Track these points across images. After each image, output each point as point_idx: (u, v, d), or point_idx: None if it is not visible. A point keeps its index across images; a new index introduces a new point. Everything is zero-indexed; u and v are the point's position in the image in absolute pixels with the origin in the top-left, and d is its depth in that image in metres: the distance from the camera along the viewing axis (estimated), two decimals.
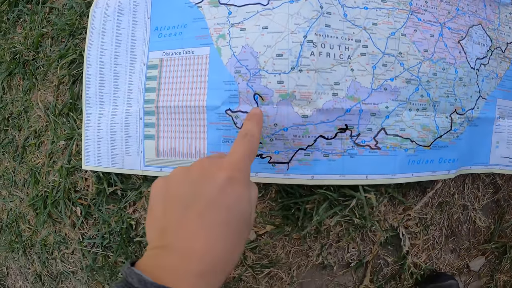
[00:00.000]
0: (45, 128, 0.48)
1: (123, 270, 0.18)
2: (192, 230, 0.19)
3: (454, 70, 0.39)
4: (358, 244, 0.40)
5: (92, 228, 0.44)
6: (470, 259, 0.46)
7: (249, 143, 0.26)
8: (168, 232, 0.20)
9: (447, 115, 0.39)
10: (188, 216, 0.20)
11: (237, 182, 0.22)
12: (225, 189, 0.21)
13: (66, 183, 0.45)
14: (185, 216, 0.20)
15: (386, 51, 0.36)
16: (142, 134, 0.39)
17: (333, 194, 0.36)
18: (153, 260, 0.19)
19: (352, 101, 0.35)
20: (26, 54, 0.51)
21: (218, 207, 0.20)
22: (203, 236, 0.19)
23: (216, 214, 0.20)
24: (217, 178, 0.21)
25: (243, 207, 0.22)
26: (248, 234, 0.23)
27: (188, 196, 0.21)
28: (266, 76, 0.34)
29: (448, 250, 0.45)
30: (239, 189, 0.22)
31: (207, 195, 0.21)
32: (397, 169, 0.37)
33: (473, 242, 0.46)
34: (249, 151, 0.25)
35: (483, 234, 0.46)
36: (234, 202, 0.21)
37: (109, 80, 0.42)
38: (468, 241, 0.45)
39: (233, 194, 0.21)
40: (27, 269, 0.50)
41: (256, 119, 0.29)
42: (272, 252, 0.39)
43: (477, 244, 0.46)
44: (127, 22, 0.41)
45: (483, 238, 0.46)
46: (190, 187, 0.22)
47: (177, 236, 0.19)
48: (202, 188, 0.21)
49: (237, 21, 0.36)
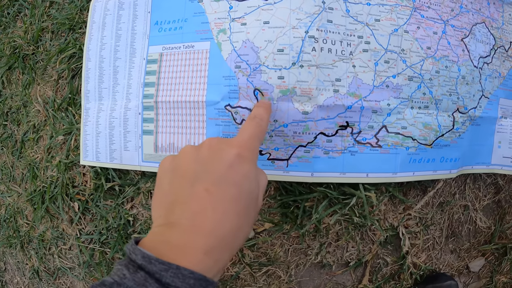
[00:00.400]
0: (44, 122, 0.47)
1: (127, 247, 0.18)
2: (199, 206, 0.19)
3: (457, 68, 0.38)
4: (357, 243, 0.39)
5: (89, 224, 0.44)
6: (470, 259, 0.45)
7: (257, 125, 0.26)
8: (175, 208, 0.19)
9: (449, 113, 0.38)
10: (196, 191, 0.19)
11: (245, 160, 0.21)
12: (234, 166, 0.21)
13: (64, 178, 0.44)
14: (193, 191, 0.19)
15: (388, 47, 0.35)
16: (141, 129, 0.38)
17: (333, 192, 0.35)
18: (158, 237, 0.18)
19: (353, 98, 0.34)
20: (26, 48, 0.50)
21: (226, 183, 0.20)
22: (210, 212, 0.18)
23: (224, 190, 0.20)
24: (226, 155, 0.21)
25: (251, 185, 0.21)
26: (255, 216, 0.22)
27: (197, 172, 0.20)
28: (267, 72, 0.34)
29: (448, 251, 0.44)
30: (247, 167, 0.21)
31: (216, 171, 0.20)
32: (398, 167, 0.36)
33: (473, 242, 0.45)
34: (257, 132, 0.25)
35: (483, 234, 0.45)
36: (242, 179, 0.21)
37: (108, 75, 0.41)
38: (468, 241, 0.45)
39: (241, 171, 0.21)
40: (25, 264, 0.49)
41: (265, 106, 0.30)
42: (271, 250, 0.38)
43: (477, 245, 0.45)
44: (127, 16, 0.41)
45: (483, 239, 0.45)
46: (199, 164, 0.21)
47: (184, 212, 0.19)
48: (211, 164, 0.21)
49: (238, 15, 0.35)
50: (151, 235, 0.19)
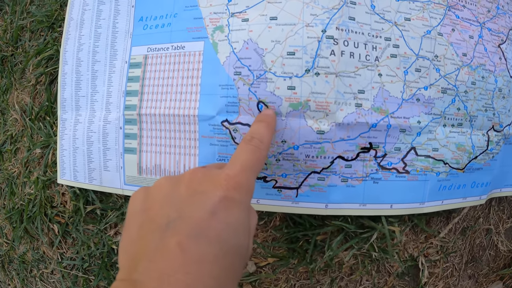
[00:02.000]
0: (21, 133, 0.36)
1: None
2: (169, 266, 0.13)
3: (494, 79, 0.28)
4: (372, 276, 0.30)
5: (71, 248, 0.33)
6: (488, 284, 0.36)
7: (255, 150, 0.18)
8: (141, 262, 0.14)
9: (484, 132, 0.28)
10: (166, 245, 0.13)
11: (233, 205, 0.15)
12: (217, 213, 0.14)
13: (42, 197, 0.33)
14: (163, 244, 0.14)
15: (420, 53, 0.25)
16: (122, 146, 0.28)
17: (350, 226, 0.26)
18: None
19: (379, 114, 0.24)
20: (4, 49, 0.39)
21: (206, 238, 0.14)
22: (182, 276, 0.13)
23: (202, 247, 0.13)
24: (208, 199, 0.15)
25: (239, 238, 0.15)
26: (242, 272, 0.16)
27: (170, 218, 0.14)
28: (274, 80, 0.23)
29: (466, 276, 0.35)
30: (235, 215, 0.15)
31: (194, 221, 0.14)
32: (426, 196, 0.26)
33: (492, 267, 0.36)
34: (254, 161, 0.17)
35: (503, 258, 0.36)
36: (227, 232, 0.14)
37: (86, 80, 0.30)
38: (487, 266, 0.35)
39: (227, 220, 0.15)
40: (7, 285, 0.39)
41: (267, 121, 0.21)
42: (274, 286, 0.29)
43: (496, 269, 0.36)
44: (108, 11, 0.30)
45: (503, 263, 0.36)
46: (173, 207, 0.15)
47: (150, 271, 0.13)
48: (188, 210, 0.14)
49: (238, 9, 0.24)
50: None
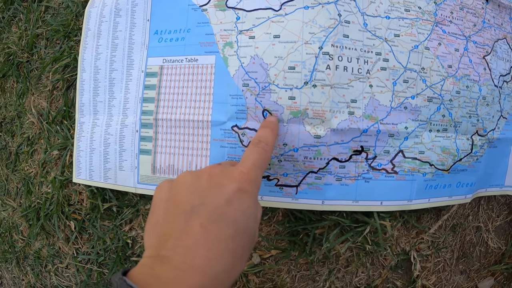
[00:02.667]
0: (38, 135, 0.42)
1: (114, 279, 0.16)
2: (193, 243, 0.17)
3: (478, 88, 0.33)
4: (367, 269, 0.35)
5: (86, 244, 0.39)
6: (479, 280, 0.42)
7: (262, 151, 0.23)
8: (168, 241, 0.17)
9: (468, 136, 0.33)
10: (191, 226, 0.18)
11: (246, 195, 0.20)
12: (233, 201, 0.19)
13: (60, 196, 0.39)
14: (188, 226, 0.18)
15: (408, 66, 0.31)
16: (138, 148, 0.34)
17: (345, 220, 0.31)
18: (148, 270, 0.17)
19: (369, 120, 0.29)
20: (20, 55, 0.45)
21: (223, 221, 0.18)
22: (204, 250, 0.17)
23: (221, 228, 0.18)
24: (225, 189, 0.19)
25: (249, 222, 0.19)
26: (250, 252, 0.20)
27: (194, 204, 0.19)
28: (277, 91, 0.29)
29: (457, 272, 0.40)
30: (247, 203, 0.19)
31: (214, 206, 0.18)
32: (413, 194, 0.32)
33: (483, 263, 0.41)
34: (261, 160, 0.22)
35: (494, 255, 0.41)
36: (241, 217, 0.19)
37: (104, 87, 0.36)
38: (478, 262, 0.41)
39: (240, 207, 0.19)
40: (21, 280, 0.45)
41: (271, 126, 0.26)
42: (277, 277, 0.34)
43: (487, 265, 0.41)
44: (125, 24, 0.35)
45: (493, 259, 0.41)
46: (196, 195, 0.19)
47: (176, 247, 0.17)
48: (209, 198, 0.19)
49: (246, 27, 0.30)
50: (141, 266, 0.17)
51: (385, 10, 0.31)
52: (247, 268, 0.34)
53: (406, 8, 0.31)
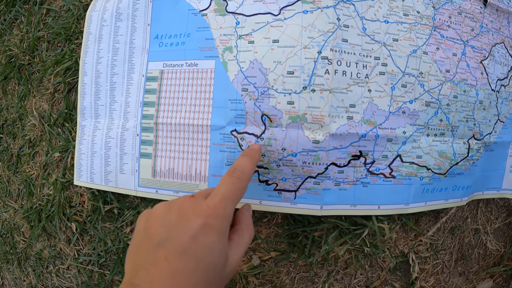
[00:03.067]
0: (39, 137, 0.43)
1: None
2: (158, 275, 0.19)
3: (475, 92, 0.34)
4: (366, 271, 0.36)
5: (87, 245, 0.40)
6: (478, 282, 0.42)
7: (236, 181, 0.23)
8: (139, 271, 0.19)
9: (465, 140, 0.34)
10: (157, 258, 0.19)
11: (211, 231, 0.20)
12: (197, 237, 0.20)
13: (61, 198, 0.40)
14: (155, 258, 0.19)
15: (406, 70, 0.31)
16: (138, 151, 0.34)
17: (343, 223, 0.32)
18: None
19: (368, 125, 0.30)
20: (21, 58, 0.45)
21: (186, 256, 0.19)
22: (167, 282, 0.18)
23: (183, 262, 0.19)
24: (191, 225, 0.20)
25: (214, 258, 0.20)
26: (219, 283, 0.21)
27: (161, 238, 0.20)
28: (276, 96, 0.29)
29: (456, 273, 0.41)
30: (211, 239, 0.20)
31: (178, 241, 0.19)
32: (411, 198, 0.32)
33: (482, 265, 0.42)
34: (233, 192, 0.22)
35: (492, 257, 0.42)
36: (204, 253, 0.20)
37: (105, 91, 0.36)
38: (477, 264, 0.41)
39: (204, 243, 0.20)
40: (22, 281, 0.46)
41: (251, 155, 0.26)
42: (276, 278, 0.35)
43: (486, 267, 0.42)
44: (125, 28, 0.36)
45: (492, 261, 0.42)
46: (165, 229, 0.20)
47: (145, 277, 0.19)
48: (175, 232, 0.20)
49: (245, 32, 0.31)
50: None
51: (384, 15, 0.31)
52: (246, 270, 0.34)
53: (404, 13, 0.32)
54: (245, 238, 0.23)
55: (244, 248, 0.23)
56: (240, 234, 0.23)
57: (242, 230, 0.23)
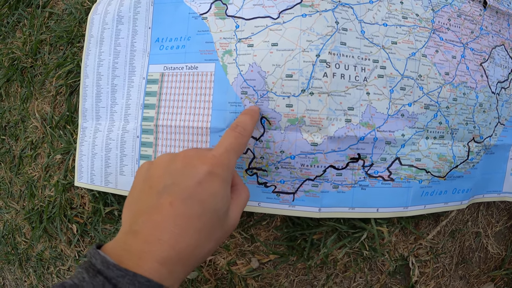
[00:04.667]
0: (41, 139, 0.43)
1: (89, 251, 0.18)
2: (162, 218, 0.19)
3: (475, 95, 0.34)
4: (365, 274, 0.36)
5: (88, 246, 0.40)
6: (479, 285, 0.42)
7: (238, 135, 0.24)
8: (140, 217, 0.19)
9: (465, 143, 0.34)
10: (161, 203, 0.19)
11: (216, 178, 0.21)
12: (203, 183, 0.20)
13: (62, 199, 0.40)
14: (159, 203, 0.19)
15: (405, 73, 0.31)
16: (138, 153, 0.34)
17: (342, 226, 0.32)
18: (120, 244, 0.18)
19: (366, 128, 0.30)
20: (24, 60, 0.46)
21: (192, 200, 0.19)
22: (171, 225, 0.18)
23: (188, 206, 0.19)
24: (196, 171, 0.20)
25: (217, 204, 0.20)
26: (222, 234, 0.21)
27: (166, 184, 0.20)
28: (274, 99, 0.30)
29: (457, 277, 0.41)
30: (216, 185, 0.20)
31: (184, 187, 0.20)
32: (409, 201, 0.32)
33: (483, 268, 0.41)
34: (236, 145, 0.23)
35: (493, 260, 0.42)
36: (209, 198, 0.20)
37: (106, 93, 0.37)
38: (478, 267, 0.41)
39: (209, 189, 0.20)
40: (23, 281, 0.46)
41: (251, 113, 0.27)
42: (275, 281, 0.35)
43: (487, 271, 0.42)
44: (127, 31, 0.36)
45: (493, 265, 0.42)
46: (170, 176, 0.20)
47: (146, 222, 0.19)
48: (181, 178, 0.20)
49: (244, 35, 0.31)
50: (115, 241, 0.19)
51: (383, 18, 0.31)
52: (245, 272, 0.35)
53: (403, 16, 0.32)
54: (243, 196, 0.24)
55: (242, 205, 0.23)
56: (238, 192, 0.24)
57: (239, 189, 0.24)
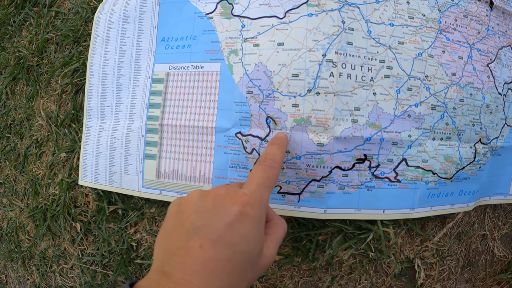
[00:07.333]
0: (46, 138, 0.43)
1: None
2: (192, 262, 0.18)
3: (482, 96, 0.33)
4: (370, 276, 0.35)
5: (91, 245, 0.40)
6: None
7: (268, 168, 0.23)
8: (171, 258, 0.19)
9: (471, 145, 0.33)
10: (191, 245, 0.19)
11: (247, 219, 0.20)
12: (233, 225, 0.19)
13: (66, 198, 0.40)
14: (188, 245, 0.19)
15: (411, 73, 0.31)
16: (143, 153, 0.34)
17: (348, 227, 0.31)
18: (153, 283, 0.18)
19: (372, 128, 0.30)
20: (30, 59, 0.46)
21: (222, 243, 0.19)
22: (201, 270, 0.18)
23: (218, 250, 0.18)
24: (227, 212, 0.20)
25: (249, 246, 0.20)
26: (254, 274, 0.20)
27: (196, 225, 0.19)
28: (280, 99, 0.29)
29: (463, 280, 0.40)
30: (247, 226, 0.20)
31: (214, 229, 0.19)
32: (416, 203, 0.32)
33: (489, 272, 0.41)
34: (267, 179, 0.22)
35: (500, 263, 0.41)
36: (240, 240, 0.19)
37: (111, 92, 0.37)
38: (484, 270, 0.40)
39: (240, 231, 0.19)
40: (26, 279, 0.46)
41: (279, 143, 0.26)
42: (280, 282, 0.35)
43: (493, 274, 0.41)
44: (132, 30, 0.36)
45: (499, 268, 0.41)
46: (200, 216, 0.20)
47: (177, 264, 0.18)
48: (211, 219, 0.19)
49: (250, 35, 0.31)
50: (148, 279, 0.19)
51: (389, 18, 0.31)
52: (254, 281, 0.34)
53: (410, 16, 0.32)
54: (279, 231, 0.23)
55: (279, 240, 0.22)
56: (274, 227, 0.23)
57: (276, 223, 0.23)
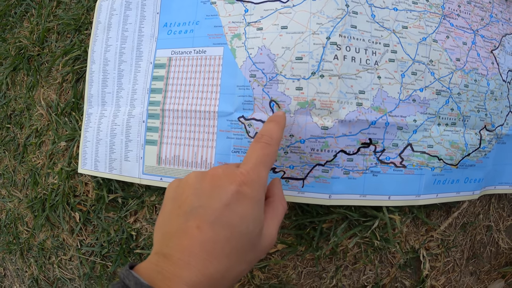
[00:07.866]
0: (46, 127, 0.43)
1: (121, 271, 0.18)
2: (190, 243, 0.18)
3: (486, 82, 0.33)
4: (375, 266, 0.34)
5: (91, 235, 0.39)
6: (490, 282, 0.40)
7: (265, 146, 0.22)
8: (170, 239, 0.19)
9: (477, 131, 0.33)
10: (189, 227, 0.18)
11: (245, 198, 0.19)
12: (231, 205, 0.19)
13: (65, 187, 0.39)
14: (186, 226, 0.18)
15: (416, 58, 0.31)
16: (144, 138, 0.34)
17: (353, 214, 0.31)
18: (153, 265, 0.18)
19: (377, 112, 0.29)
20: (31, 49, 0.46)
21: (219, 224, 0.18)
22: (199, 251, 0.18)
23: (216, 231, 0.18)
24: (224, 192, 0.19)
25: (248, 226, 0.19)
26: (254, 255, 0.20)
27: (194, 206, 0.19)
28: (284, 82, 0.29)
29: (467, 273, 0.39)
30: (245, 206, 0.19)
31: (211, 210, 0.19)
32: (422, 189, 0.31)
33: (493, 264, 0.40)
34: (263, 157, 0.21)
35: (504, 256, 0.40)
36: (238, 221, 0.19)
37: (112, 79, 0.36)
38: (489, 263, 0.40)
39: (238, 211, 0.19)
40: (24, 272, 0.45)
41: (276, 120, 0.25)
42: (283, 272, 0.34)
43: (497, 267, 0.40)
44: (135, 16, 0.36)
45: (504, 261, 0.40)
46: (198, 197, 0.19)
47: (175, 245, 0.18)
48: (208, 200, 0.19)
49: (253, 19, 0.30)
50: (147, 262, 0.19)
51: (393, 2, 0.31)
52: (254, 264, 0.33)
53: (413, 1, 0.31)
54: (279, 210, 0.22)
55: (279, 220, 0.22)
56: (274, 205, 0.22)
57: (275, 201, 0.23)
